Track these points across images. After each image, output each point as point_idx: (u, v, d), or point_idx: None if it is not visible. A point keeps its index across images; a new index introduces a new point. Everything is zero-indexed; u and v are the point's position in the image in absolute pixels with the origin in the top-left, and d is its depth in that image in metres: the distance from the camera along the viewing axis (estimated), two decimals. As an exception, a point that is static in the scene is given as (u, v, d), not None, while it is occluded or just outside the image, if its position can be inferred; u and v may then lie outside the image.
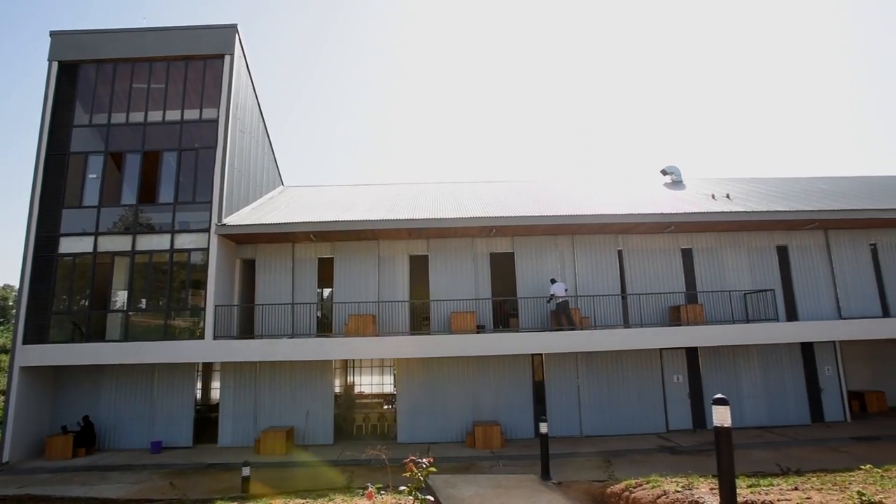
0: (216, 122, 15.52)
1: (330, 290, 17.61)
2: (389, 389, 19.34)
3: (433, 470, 5.70)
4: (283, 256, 16.08)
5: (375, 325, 14.74)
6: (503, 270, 16.29)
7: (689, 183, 20.55)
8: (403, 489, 5.74)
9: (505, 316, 15.94)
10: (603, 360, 15.41)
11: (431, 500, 5.68)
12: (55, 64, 15.74)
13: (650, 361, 15.49)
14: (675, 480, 7.55)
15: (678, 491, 6.82)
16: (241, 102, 16.64)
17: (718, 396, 5.18)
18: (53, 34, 15.99)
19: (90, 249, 14.88)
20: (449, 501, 8.75)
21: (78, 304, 15.05)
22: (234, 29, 16.20)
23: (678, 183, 20.52)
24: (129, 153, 15.65)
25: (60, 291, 14.83)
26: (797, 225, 15.84)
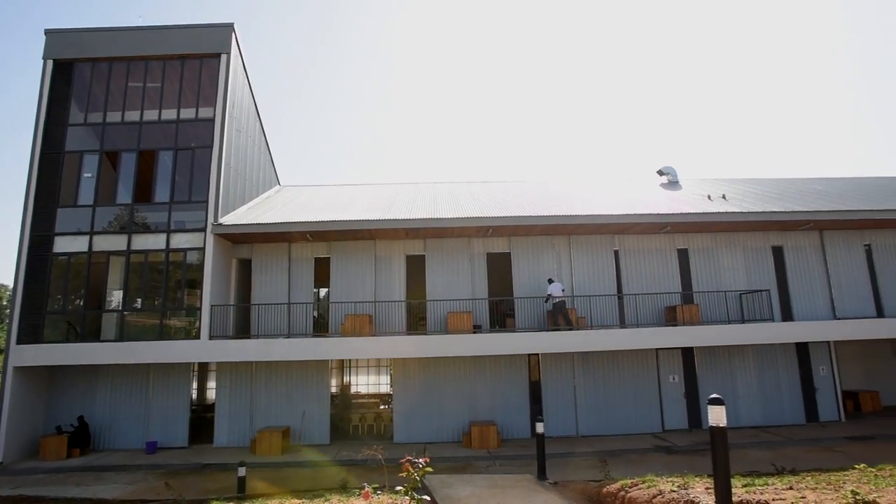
0: (212, 121, 15.47)
1: (326, 289, 17.60)
2: (386, 389, 19.35)
3: (430, 470, 5.70)
4: (279, 256, 16.05)
5: (372, 325, 14.73)
6: (500, 270, 16.30)
7: (685, 183, 20.63)
8: (400, 489, 5.73)
9: (501, 316, 15.96)
10: (599, 360, 15.45)
11: (428, 500, 5.68)
12: (50, 62, 15.67)
13: (646, 361, 15.53)
14: (670, 480, 7.57)
15: (674, 491, 6.84)
16: (237, 101, 16.60)
17: (714, 396, 5.20)
18: (48, 32, 15.91)
19: (85, 249, 14.82)
20: (445, 501, 8.75)
21: (73, 303, 14.98)
22: (230, 28, 16.16)
23: (674, 183, 20.60)
24: (124, 152, 15.59)
25: (55, 291, 14.75)
26: (792, 225, 15.92)
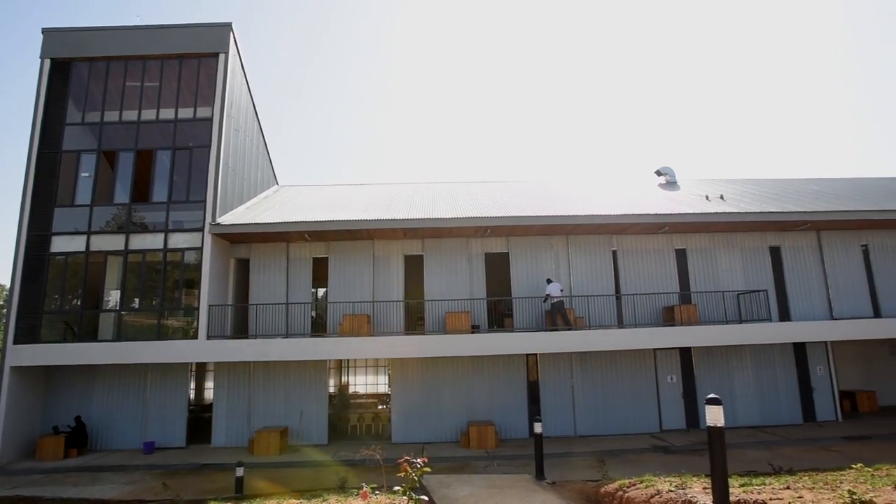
0: (210, 120, 15.45)
1: (324, 289, 17.58)
2: (384, 389, 19.33)
3: (427, 470, 5.70)
4: (277, 256, 16.03)
5: (370, 324, 14.72)
6: (498, 270, 16.31)
7: (683, 184, 20.66)
8: (398, 489, 5.73)
9: (500, 316, 15.96)
10: (597, 360, 15.46)
11: (426, 499, 5.69)
12: (47, 61, 15.62)
13: (644, 361, 15.56)
14: (668, 480, 7.58)
15: (671, 490, 6.85)
16: (235, 101, 16.58)
17: (711, 396, 5.22)
18: (46, 31, 15.86)
19: (82, 248, 14.78)
20: (443, 501, 8.75)
21: (70, 303, 14.94)
22: (228, 27, 16.14)
23: (672, 184, 20.63)
24: (122, 152, 15.55)
25: (52, 291, 14.71)
26: (790, 226, 15.96)
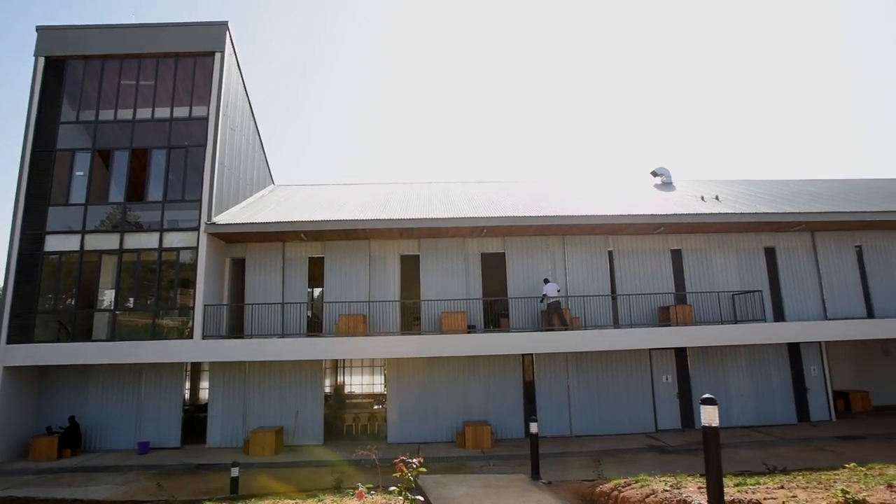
0: (206, 119, 15.39)
1: (320, 289, 17.55)
2: (380, 389, 19.30)
3: (423, 470, 5.70)
4: (273, 255, 15.99)
5: (366, 324, 14.70)
6: (494, 270, 16.32)
7: (678, 184, 20.73)
8: (393, 489, 5.73)
9: (496, 316, 15.97)
10: (593, 360, 15.49)
11: (421, 500, 5.68)
12: (41, 59, 15.53)
13: (639, 362, 15.60)
14: (663, 480, 7.60)
15: (666, 490, 6.86)
16: (231, 100, 16.52)
17: (706, 396, 5.23)
18: (40, 29, 15.76)
19: (77, 248, 14.69)
20: (439, 501, 8.74)
21: (64, 303, 14.85)
22: (224, 26, 16.08)
23: (668, 184, 20.70)
24: (117, 150, 15.47)
25: (46, 290, 14.62)
26: (784, 227, 16.04)
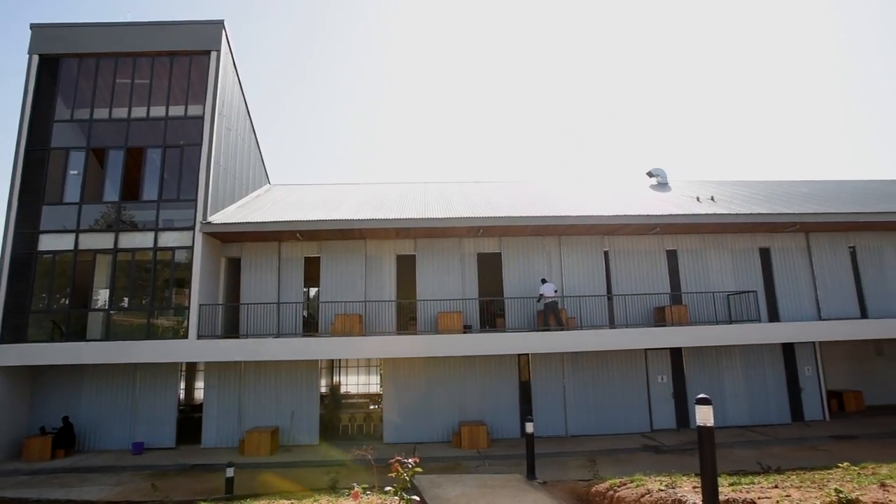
0: (202, 118, 15.33)
1: (316, 289, 17.51)
2: (376, 389, 19.30)
3: (419, 470, 5.70)
4: (269, 255, 15.95)
5: (362, 324, 14.68)
6: (490, 270, 16.33)
7: (674, 185, 20.80)
8: (389, 489, 5.73)
9: (492, 316, 15.98)
10: (588, 360, 15.53)
11: (417, 500, 5.68)
12: (36, 57, 15.43)
13: (635, 362, 15.64)
14: (658, 479, 7.63)
15: (661, 490, 6.89)
16: (227, 99, 16.46)
17: (701, 396, 5.25)
18: (34, 27, 15.67)
19: (71, 247, 14.60)
20: (435, 501, 8.75)
21: (58, 302, 14.77)
22: (220, 25, 16.03)
23: (664, 185, 20.77)
24: (111, 149, 15.39)
25: (40, 290, 14.53)
26: (779, 227, 16.12)
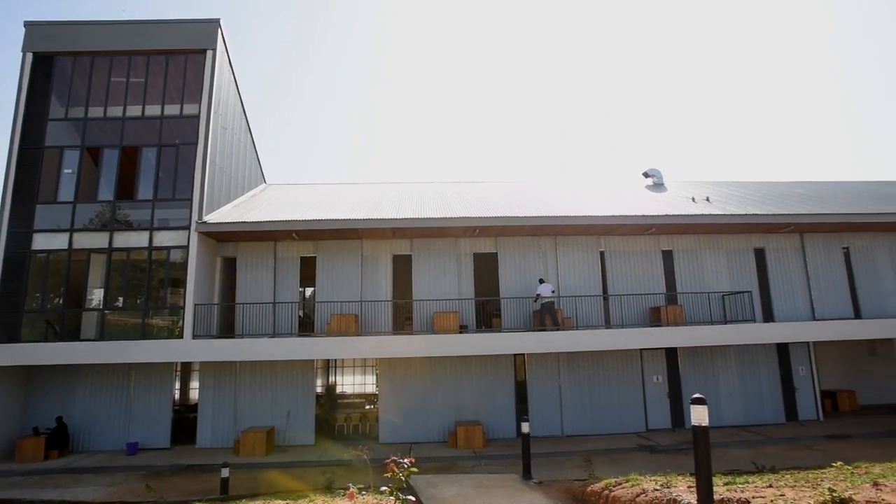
0: (197, 117, 15.27)
1: (312, 289, 17.48)
2: (371, 389, 19.26)
3: (415, 470, 5.70)
4: (264, 255, 15.90)
5: (358, 324, 14.66)
6: (486, 271, 16.33)
7: (670, 186, 20.87)
8: (385, 489, 5.72)
9: (488, 316, 15.98)
10: (584, 360, 15.56)
11: (413, 500, 5.68)
12: (30, 55, 15.33)
13: (630, 362, 15.68)
14: (653, 479, 7.65)
15: (657, 489, 6.91)
16: (223, 98, 16.41)
17: (696, 396, 5.27)
18: (28, 24, 15.57)
19: (65, 246, 14.52)
20: (430, 501, 8.74)
21: (52, 302, 14.67)
22: (216, 24, 15.97)
23: (659, 185, 20.84)
24: (106, 148, 15.31)
25: (33, 289, 14.44)
26: (774, 228, 16.19)
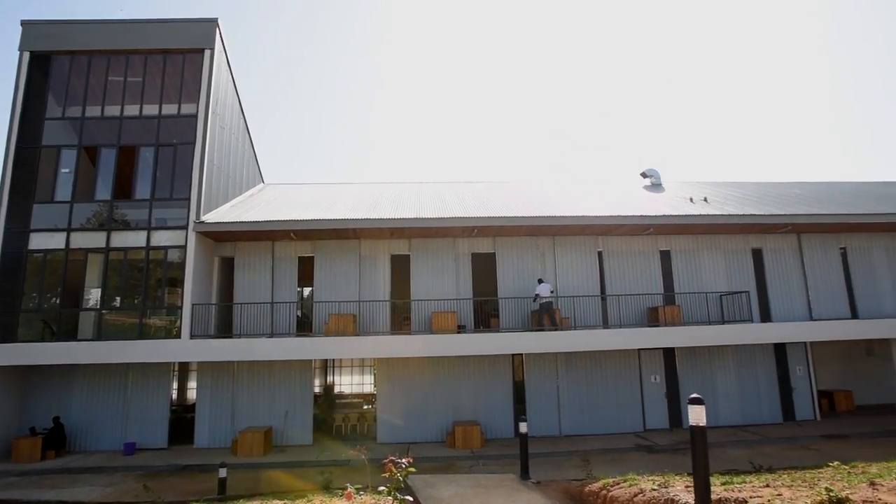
0: (195, 117, 15.24)
1: (310, 289, 17.47)
2: (369, 389, 19.27)
3: (412, 470, 5.70)
4: (262, 255, 15.88)
5: (356, 324, 14.65)
6: (484, 271, 16.34)
7: (667, 186, 20.90)
8: (383, 489, 5.72)
9: (486, 316, 15.99)
10: (582, 360, 15.57)
11: (410, 500, 5.68)
12: (27, 54, 15.28)
13: (628, 362, 15.70)
14: (651, 479, 7.66)
15: (654, 489, 6.92)
16: (220, 98, 16.38)
17: (694, 396, 5.27)
18: (25, 23, 15.52)
19: (62, 246, 14.47)
20: (428, 501, 8.74)
21: (49, 301, 14.63)
22: (214, 23, 15.93)
23: (657, 186, 20.86)
24: (103, 147, 15.27)
25: (30, 289, 14.39)
26: (771, 228, 16.23)
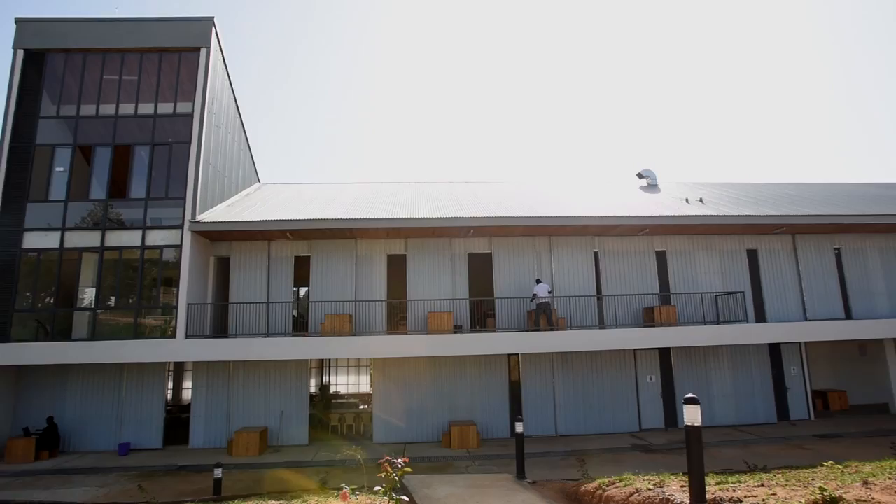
0: (191, 116, 15.19)
1: (306, 288, 17.42)
2: (365, 389, 19.27)
3: (408, 470, 5.69)
4: (258, 254, 15.83)
5: (352, 324, 14.64)
6: (481, 271, 16.35)
7: (664, 186, 20.96)
8: (378, 489, 5.71)
9: (482, 316, 16.00)
10: (578, 360, 15.61)
11: (406, 500, 5.66)
12: (21, 52, 15.19)
13: (624, 362, 15.75)
14: (646, 478, 7.67)
15: (650, 489, 6.93)
16: (216, 97, 16.32)
17: (689, 396, 5.30)
18: (19, 21, 15.41)
19: (56, 245, 14.40)
20: (424, 501, 8.73)
21: (42, 301, 14.55)
22: (210, 22, 15.88)
23: (653, 186, 20.92)
24: (98, 146, 15.20)
25: (24, 288, 14.31)
26: (766, 229, 16.31)
